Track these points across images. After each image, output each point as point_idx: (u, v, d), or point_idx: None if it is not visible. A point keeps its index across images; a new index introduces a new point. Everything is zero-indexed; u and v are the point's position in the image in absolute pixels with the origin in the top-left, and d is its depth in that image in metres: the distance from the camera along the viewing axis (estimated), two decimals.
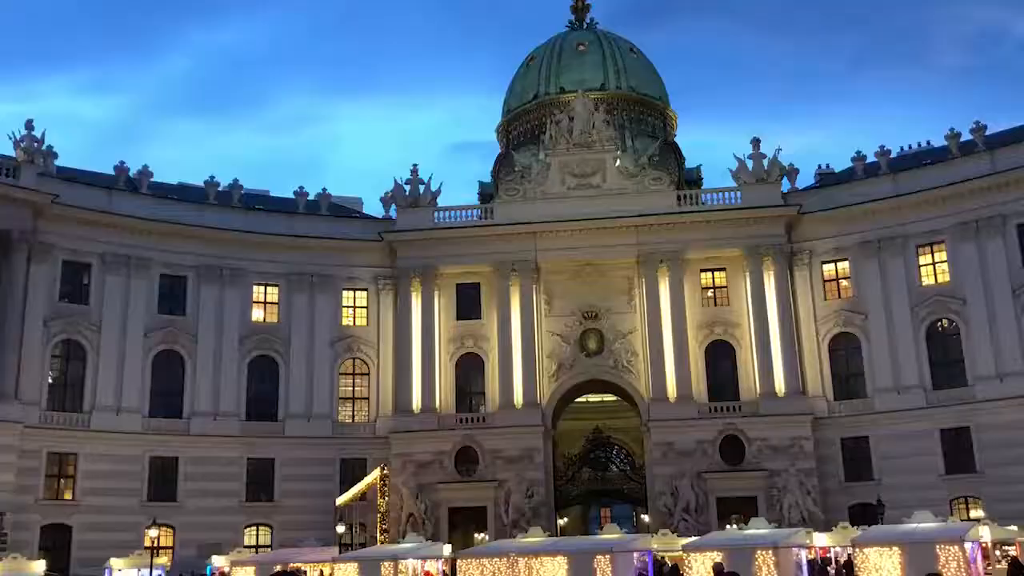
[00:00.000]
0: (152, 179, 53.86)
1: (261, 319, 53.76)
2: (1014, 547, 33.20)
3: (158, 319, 51.03)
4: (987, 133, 50.90)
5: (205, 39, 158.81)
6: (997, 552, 32.70)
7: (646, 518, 54.14)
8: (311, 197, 57.53)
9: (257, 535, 50.40)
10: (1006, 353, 47.36)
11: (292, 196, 57.52)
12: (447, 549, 37.79)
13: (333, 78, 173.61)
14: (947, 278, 49.98)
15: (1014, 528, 34.47)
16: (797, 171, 54.71)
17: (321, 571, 37.15)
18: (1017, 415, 46.10)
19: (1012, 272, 47.97)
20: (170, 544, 47.61)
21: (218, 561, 42.08)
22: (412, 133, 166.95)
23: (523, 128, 70.64)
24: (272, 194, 62.18)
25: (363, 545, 46.63)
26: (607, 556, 28.74)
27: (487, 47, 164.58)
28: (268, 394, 52.73)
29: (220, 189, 55.28)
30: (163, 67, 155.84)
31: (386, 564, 33.40)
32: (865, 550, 27.32)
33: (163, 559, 43.36)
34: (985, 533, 31.35)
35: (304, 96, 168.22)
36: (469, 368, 54.26)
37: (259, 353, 52.95)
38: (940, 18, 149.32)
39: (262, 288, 54.11)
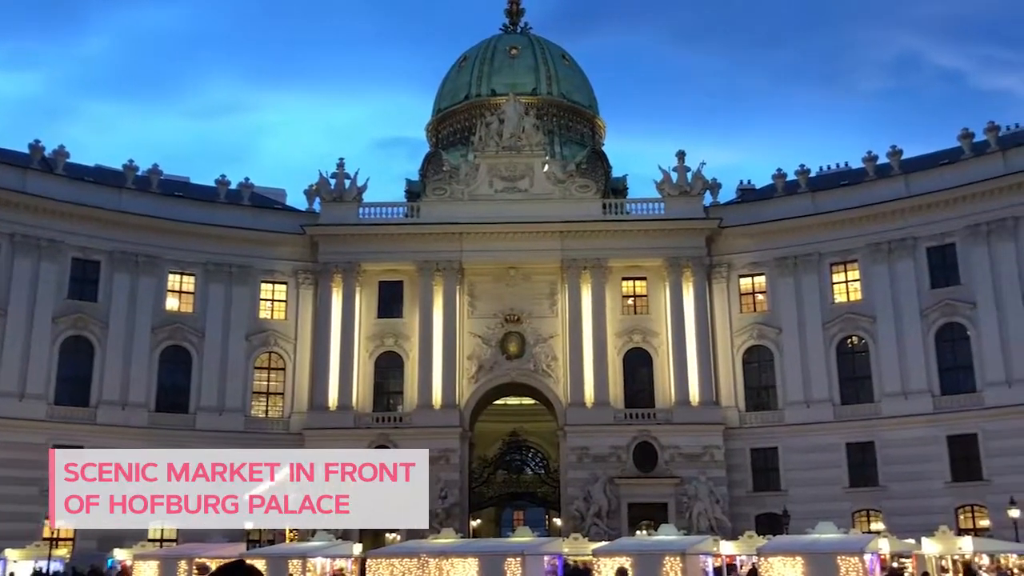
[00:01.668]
0: (68, 160, 52.32)
1: (176, 308, 52.65)
2: (910, 559, 34.35)
3: (67, 304, 49.54)
4: (903, 158, 52.52)
5: (129, 17, 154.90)
6: (895, 564, 33.80)
7: (559, 522, 54.48)
8: (233, 187, 56.42)
9: (162, 529, 49.13)
10: (912, 372, 48.93)
11: (213, 185, 56.39)
12: (357, 548, 37.47)
13: (260, 65, 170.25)
14: (859, 296, 51.44)
15: (911, 541, 35.64)
16: (719, 185, 55.80)
17: None
18: (919, 432, 47.71)
19: (921, 293, 49.60)
20: (70, 536, 46.18)
21: (120, 554, 41.04)
22: (339, 126, 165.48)
23: (453, 128, 70.54)
24: (193, 182, 60.92)
25: (271, 542, 45.92)
26: (518, 559, 28.86)
27: (419, 44, 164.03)
28: (179, 386, 51.64)
29: (139, 174, 53.93)
30: (84, 44, 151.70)
31: (294, 562, 33.04)
32: (770, 559, 27.98)
33: (63, 551, 42.09)
34: (884, 545, 32.38)
35: (229, 82, 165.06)
36: (388, 367, 53.93)
37: (172, 343, 51.83)
38: (863, 42, 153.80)
39: (178, 277, 53.00)
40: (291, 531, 47.15)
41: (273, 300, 54.51)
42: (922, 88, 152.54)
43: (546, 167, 55.73)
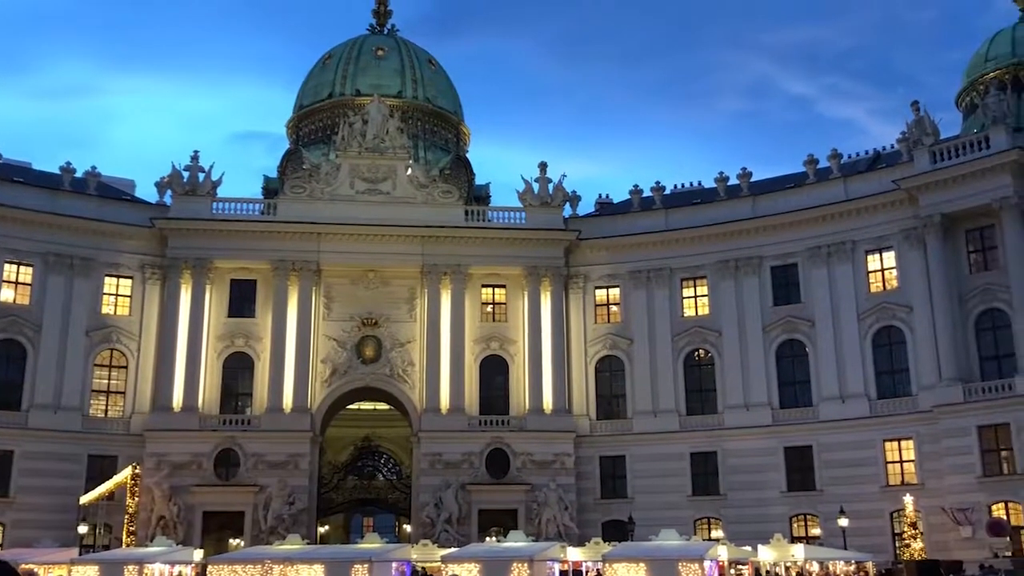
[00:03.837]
0: None
1: (11, 300, 49.73)
2: (747, 567, 35.79)
3: None
4: (752, 179, 54.79)
5: None
6: (732, 570, 35.14)
7: (409, 528, 54.18)
8: (78, 174, 53.72)
9: None
10: (754, 385, 51.03)
11: (57, 171, 53.58)
12: (198, 554, 36.27)
13: (111, 46, 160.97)
14: (707, 311, 53.31)
15: (748, 548, 37.12)
16: (579, 198, 56.93)
17: (61, 574, 34.72)
18: (757, 444, 49.78)
19: (764, 310, 51.83)
20: None
21: None
22: (195, 116, 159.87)
23: (315, 126, 69.47)
24: (35, 167, 57.73)
25: (107, 547, 44.06)
26: (365, 565, 28.56)
27: (282, 37, 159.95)
28: (12, 382, 48.80)
29: None
30: None
31: (130, 568, 31.73)
32: (614, 565, 28.61)
33: None
34: (723, 552, 33.61)
35: (78, 62, 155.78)
36: (237, 368, 52.44)
37: (5, 336, 48.94)
38: (723, 64, 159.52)
39: (14, 267, 50.07)
40: (129, 537, 45.38)
41: (117, 295, 52.20)
42: (773, 112, 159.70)
43: (409, 171, 55.48)
